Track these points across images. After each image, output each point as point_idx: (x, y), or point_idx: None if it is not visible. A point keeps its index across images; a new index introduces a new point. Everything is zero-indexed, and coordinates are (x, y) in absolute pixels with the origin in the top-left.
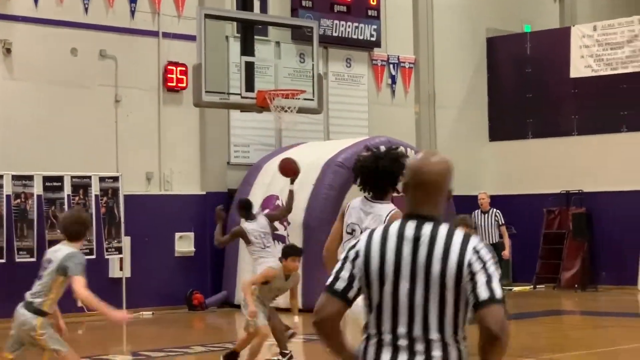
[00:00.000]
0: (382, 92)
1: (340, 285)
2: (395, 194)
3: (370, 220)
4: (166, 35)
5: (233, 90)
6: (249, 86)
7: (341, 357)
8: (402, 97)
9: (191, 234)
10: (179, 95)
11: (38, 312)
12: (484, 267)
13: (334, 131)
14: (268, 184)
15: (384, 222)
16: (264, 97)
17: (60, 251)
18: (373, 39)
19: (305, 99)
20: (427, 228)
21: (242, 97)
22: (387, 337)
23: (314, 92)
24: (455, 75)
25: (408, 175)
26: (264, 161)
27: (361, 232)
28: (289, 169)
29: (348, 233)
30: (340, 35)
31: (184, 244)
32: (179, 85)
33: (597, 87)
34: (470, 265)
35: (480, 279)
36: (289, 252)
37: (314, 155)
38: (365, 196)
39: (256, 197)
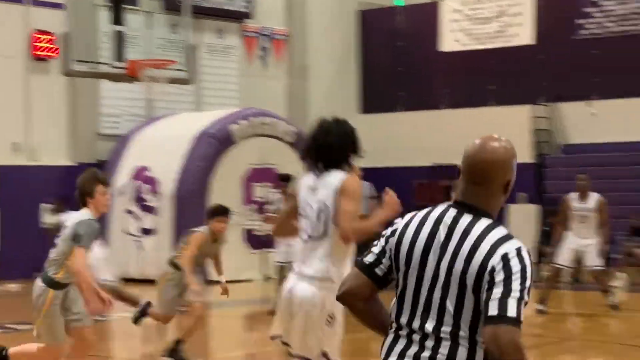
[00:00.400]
0: (254, 63)
1: (368, 259)
2: (349, 169)
3: (320, 193)
4: (33, 2)
5: (103, 59)
6: (119, 56)
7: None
8: (274, 68)
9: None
10: (47, 64)
11: (50, 283)
12: (507, 279)
13: (205, 102)
14: (139, 155)
15: (336, 189)
16: (135, 67)
17: (73, 216)
18: (245, 10)
19: (176, 70)
20: (464, 220)
21: (112, 67)
22: (404, 328)
23: (185, 63)
24: (327, 48)
25: (462, 160)
26: (134, 132)
27: (317, 212)
28: None
29: (301, 215)
30: (212, 6)
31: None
32: (47, 54)
33: (466, 61)
34: (492, 272)
35: (497, 291)
36: (216, 212)
37: (185, 127)
38: (315, 172)
39: (126, 168)
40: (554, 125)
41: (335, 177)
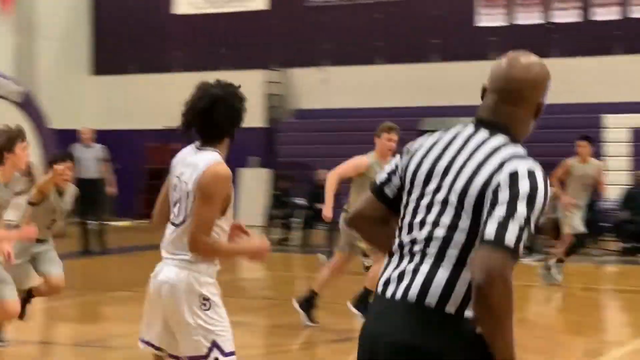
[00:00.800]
0: None
1: (379, 178)
2: (229, 141)
3: (189, 173)
4: None
5: None
6: None
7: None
8: (0, 25)
9: None
10: None
11: None
12: (512, 200)
13: None
14: None
15: (200, 175)
16: None
17: None
18: None
19: None
20: (479, 136)
21: None
22: (397, 250)
23: None
24: (57, 5)
25: (490, 76)
26: None
27: (180, 195)
28: None
29: (173, 190)
30: None
31: None
32: None
33: (201, 25)
34: (496, 188)
35: (498, 212)
36: (59, 157)
37: None
38: (196, 145)
39: None
40: (286, 90)
41: (204, 160)
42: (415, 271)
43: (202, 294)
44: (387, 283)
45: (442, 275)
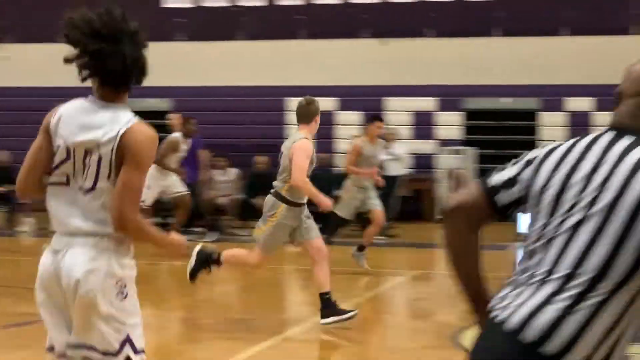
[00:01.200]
0: None
1: (496, 179)
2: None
3: (94, 135)
4: None
5: None
6: None
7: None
8: None
9: None
10: None
11: None
12: None
13: None
14: None
15: (118, 142)
16: None
17: None
18: None
19: None
20: (621, 145)
21: None
22: (521, 274)
23: None
24: None
25: (627, 79)
26: None
27: (85, 156)
28: None
29: (60, 163)
30: None
31: None
32: None
33: None
34: None
35: None
36: None
37: None
38: (89, 98)
39: None
40: None
41: (120, 120)
42: (528, 298)
43: (121, 279)
44: (499, 300)
45: (554, 309)
